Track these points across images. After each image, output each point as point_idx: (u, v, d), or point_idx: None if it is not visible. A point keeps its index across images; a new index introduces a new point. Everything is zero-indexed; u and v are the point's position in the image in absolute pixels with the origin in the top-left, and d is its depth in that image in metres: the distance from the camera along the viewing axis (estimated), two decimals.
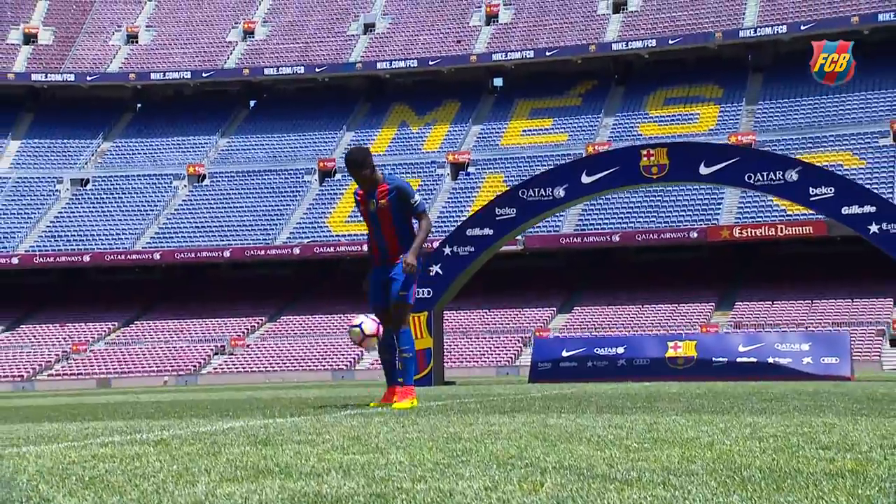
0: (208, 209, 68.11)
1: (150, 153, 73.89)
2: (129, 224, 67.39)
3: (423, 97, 74.14)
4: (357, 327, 8.54)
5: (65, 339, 62.30)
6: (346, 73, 74.53)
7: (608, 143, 64.62)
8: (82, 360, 59.65)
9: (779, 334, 23.94)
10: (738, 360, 21.22)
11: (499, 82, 76.06)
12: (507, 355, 54.74)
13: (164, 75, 75.43)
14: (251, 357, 58.65)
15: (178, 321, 63.61)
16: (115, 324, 64.03)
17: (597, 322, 56.55)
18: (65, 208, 69.71)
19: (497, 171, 66.31)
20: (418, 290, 20.21)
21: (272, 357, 58.11)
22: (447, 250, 22.27)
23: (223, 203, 68.39)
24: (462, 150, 69.06)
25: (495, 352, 55.34)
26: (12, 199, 70.17)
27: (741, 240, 56.92)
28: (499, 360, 54.28)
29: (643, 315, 56.97)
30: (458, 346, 54.38)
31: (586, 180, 21.58)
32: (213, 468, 3.54)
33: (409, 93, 75.10)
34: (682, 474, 3.14)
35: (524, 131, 69.85)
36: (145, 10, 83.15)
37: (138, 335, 62.65)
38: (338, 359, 56.54)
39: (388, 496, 2.83)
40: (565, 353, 22.83)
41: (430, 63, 73.13)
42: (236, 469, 3.51)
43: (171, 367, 57.68)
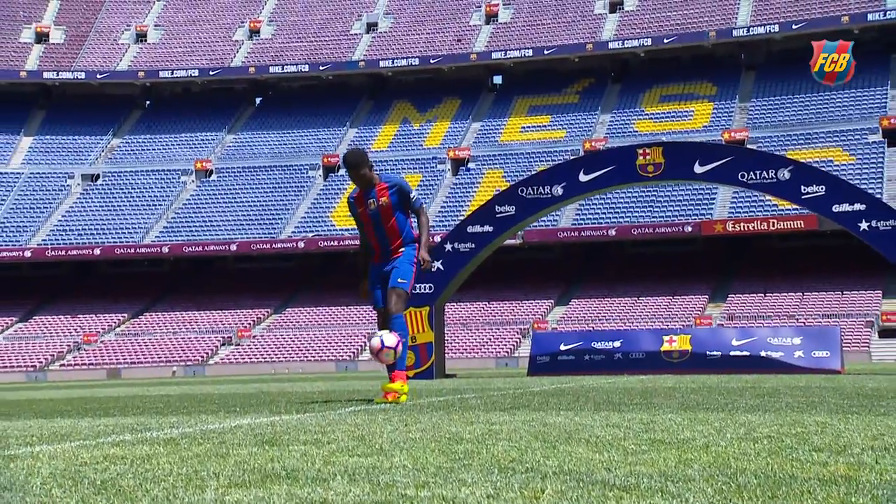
0: (215, 204, 68.71)
1: (159, 149, 74.51)
2: (138, 218, 68.12)
3: (425, 95, 74.66)
4: (378, 338, 8.49)
5: (76, 330, 62.90)
6: (349, 71, 75.09)
7: (605, 140, 65.42)
8: (93, 350, 60.43)
9: (771, 329, 23.89)
10: (732, 353, 21.24)
11: (498, 80, 76.46)
12: (506, 346, 55.38)
13: (172, 73, 76.04)
14: (257, 348, 59.26)
15: (186, 313, 64.25)
16: (125, 315, 64.68)
17: (593, 313, 57.19)
18: (76, 203, 70.34)
19: (496, 166, 66.89)
20: (420, 286, 21.06)
21: (277, 348, 58.70)
22: (448, 247, 22.40)
23: (230, 198, 68.93)
24: (462, 147, 69.55)
25: (494, 343, 55.94)
26: (25, 194, 70.78)
27: (734, 234, 57.65)
28: (498, 351, 54.90)
29: (639, 306, 57.59)
30: (458, 337, 54.95)
31: (584, 178, 21.76)
32: (221, 472, 3.66)
33: (411, 90, 75.59)
34: (680, 480, 3.22)
35: (523, 128, 70.33)
36: (154, 9, 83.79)
37: (147, 326, 63.29)
38: (341, 350, 57.40)
39: None
40: (563, 347, 22.72)
41: (431, 61, 73.65)
42: (244, 473, 3.61)
43: (180, 357, 58.42)
